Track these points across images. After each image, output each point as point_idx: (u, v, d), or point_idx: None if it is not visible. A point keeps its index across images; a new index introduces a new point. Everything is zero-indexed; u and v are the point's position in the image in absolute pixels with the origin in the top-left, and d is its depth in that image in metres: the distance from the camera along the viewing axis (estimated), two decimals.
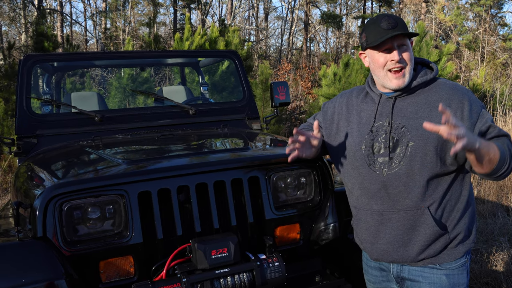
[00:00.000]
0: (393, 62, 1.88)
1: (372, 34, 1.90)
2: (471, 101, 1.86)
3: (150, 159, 2.41)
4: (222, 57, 4.70)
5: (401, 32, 1.84)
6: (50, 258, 1.93)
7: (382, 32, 1.86)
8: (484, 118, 1.84)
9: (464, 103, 1.85)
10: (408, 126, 1.89)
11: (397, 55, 1.87)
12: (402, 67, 1.89)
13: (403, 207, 1.91)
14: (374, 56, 1.94)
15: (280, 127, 9.66)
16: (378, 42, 1.86)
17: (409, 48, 1.91)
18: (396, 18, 1.89)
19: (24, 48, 12.79)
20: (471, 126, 1.82)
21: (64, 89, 6.24)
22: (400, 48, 1.89)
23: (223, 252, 2.10)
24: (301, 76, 14.42)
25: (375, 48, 1.91)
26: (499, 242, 4.64)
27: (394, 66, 1.89)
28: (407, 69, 1.90)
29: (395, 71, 1.89)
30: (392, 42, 1.88)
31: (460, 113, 1.83)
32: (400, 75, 1.89)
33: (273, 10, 42.53)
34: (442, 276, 1.94)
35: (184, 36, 9.62)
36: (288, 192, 2.52)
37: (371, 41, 1.90)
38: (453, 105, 1.85)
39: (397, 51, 1.88)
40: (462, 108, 1.84)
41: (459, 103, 1.85)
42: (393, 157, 1.91)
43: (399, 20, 1.89)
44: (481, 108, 1.87)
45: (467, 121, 1.82)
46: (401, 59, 1.88)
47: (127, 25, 23.61)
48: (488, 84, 12.74)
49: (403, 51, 1.89)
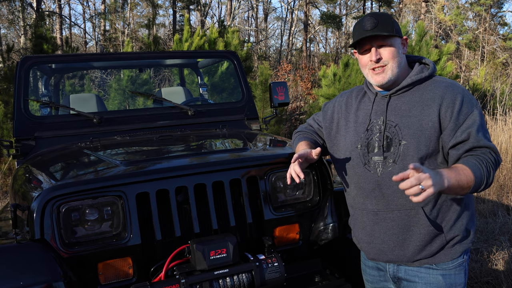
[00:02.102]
0: (372, 62, 1.92)
1: (354, 34, 1.94)
2: (464, 101, 1.85)
3: (148, 160, 2.40)
4: (221, 58, 4.70)
5: (376, 33, 1.85)
6: (48, 260, 1.93)
7: (361, 33, 1.90)
8: (471, 120, 1.82)
9: (456, 102, 1.84)
10: (401, 125, 1.89)
11: (375, 55, 1.90)
12: (382, 66, 1.91)
13: (398, 207, 1.90)
14: (358, 56, 2.00)
15: (280, 127, 9.66)
16: (353, 42, 1.93)
17: (393, 47, 1.90)
18: (379, 17, 1.89)
19: (23, 51, 12.79)
20: (454, 128, 1.82)
21: (63, 91, 6.24)
22: (380, 47, 1.91)
23: (222, 252, 2.09)
24: (301, 76, 14.41)
25: (358, 48, 1.97)
26: (499, 241, 4.63)
27: (374, 66, 1.92)
28: (389, 66, 1.91)
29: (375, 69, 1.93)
30: (371, 43, 1.91)
31: (450, 113, 1.83)
32: (380, 72, 1.92)
33: (272, 10, 42.59)
34: (438, 276, 1.92)
35: (184, 37, 9.62)
36: (287, 193, 2.52)
37: (352, 41, 1.95)
38: (445, 103, 1.85)
39: (376, 51, 1.90)
40: (452, 107, 1.84)
41: (451, 102, 1.84)
42: (387, 156, 1.91)
43: (383, 19, 1.89)
44: (473, 109, 1.85)
45: (453, 122, 1.82)
46: (380, 59, 1.90)
47: (126, 27, 23.61)
48: (488, 83, 12.72)
49: (383, 51, 1.91)
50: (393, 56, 1.90)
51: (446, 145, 1.84)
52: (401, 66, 1.94)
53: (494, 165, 1.80)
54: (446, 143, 1.83)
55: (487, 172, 1.77)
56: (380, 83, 1.93)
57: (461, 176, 1.71)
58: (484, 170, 1.76)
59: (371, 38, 1.88)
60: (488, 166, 1.78)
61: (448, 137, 1.83)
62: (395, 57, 1.91)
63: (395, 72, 1.92)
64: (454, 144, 1.82)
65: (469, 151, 1.81)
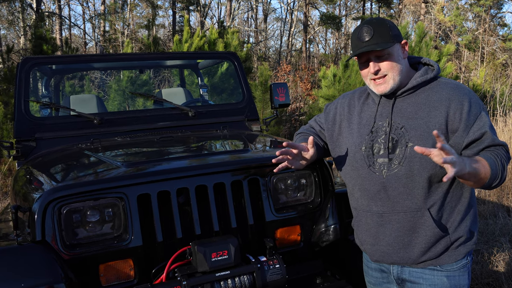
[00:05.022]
0: (371, 73, 1.91)
1: (352, 45, 1.93)
2: (471, 103, 1.84)
3: (149, 162, 2.39)
4: (221, 59, 4.70)
5: (370, 49, 1.83)
6: (49, 262, 1.92)
7: (358, 45, 1.88)
8: (482, 121, 1.82)
9: (464, 104, 1.83)
10: (407, 127, 1.88)
11: (373, 67, 1.89)
12: (382, 77, 1.90)
13: (403, 208, 1.90)
14: (359, 66, 1.99)
15: (280, 128, 9.66)
16: (353, 56, 1.92)
17: (391, 55, 1.88)
18: (375, 27, 1.86)
19: (22, 52, 12.79)
20: (466, 129, 1.81)
21: (63, 92, 6.24)
22: (378, 58, 1.89)
23: (224, 254, 2.08)
24: (301, 77, 14.41)
25: (357, 59, 1.95)
26: (500, 242, 4.63)
27: (374, 77, 1.92)
28: (389, 75, 1.89)
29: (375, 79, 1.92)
30: (368, 55, 1.90)
31: (459, 114, 1.82)
32: (382, 82, 1.91)
33: (272, 11, 42.57)
34: (443, 278, 1.92)
35: (183, 38, 9.62)
36: (288, 194, 2.51)
37: (352, 52, 1.94)
38: (453, 105, 1.84)
39: (374, 64, 1.89)
40: (461, 109, 1.83)
41: (459, 104, 1.83)
42: (392, 158, 1.90)
43: (379, 27, 1.86)
44: (480, 110, 1.85)
45: (463, 123, 1.81)
46: (378, 70, 1.89)
47: (126, 28, 23.61)
48: (488, 84, 12.73)
49: (382, 61, 1.89)
50: (391, 67, 1.88)
51: (459, 146, 1.83)
52: (402, 72, 1.91)
53: (507, 162, 1.81)
54: (460, 144, 1.83)
55: (502, 167, 1.77)
56: (382, 92, 1.92)
57: (480, 169, 1.71)
58: (499, 164, 1.77)
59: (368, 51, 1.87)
60: (503, 161, 1.78)
61: (460, 138, 1.82)
62: (394, 67, 1.89)
63: (397, 80, 1.90)
64: (468, 143, 1.81)
65: (484, 150, 1.81)
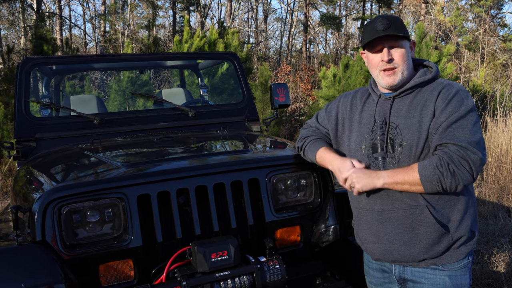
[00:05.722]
0: (383, 62, 1.93)
1: (366, 34, 1.95)
2: (454, 98, 1.85)
3: (149, 162, 2.40)
4: (222, 59, 4.71)
5: (389, 33, 1.86)
6: (49, 262, 1.92)
7: (374, 33, 1.90)
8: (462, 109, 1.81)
9: (450, 95, 1.86)
10: (401, 126, 1.92)
11: (387, 55, 1.91)
12: (393, 68, 1.92)
13: (402, 205, 1.92)
14: (369, 56, 2.00)
15: (280, 129, 9.66)
16: (366, 42, 1.93)
17: (404, 49, 1.93)
18: (392, 19, 1.90)
19: (23, 52, 12.78)
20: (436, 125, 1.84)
21: (63, 92, 6.24)
22: (391, 49, 1.92)
23: (223, 255, 2.09)
24: (301, 77, 14.41)
25: (369, 48, 1.97)
26: (500, 243, 4.63)
27: (385, 67, 1.93)
28: (399, 69, 1.92)
29: (386, 70, 1.93)
30: (383, 43, 1.92)
31: (441, 103, 1.85)
32: (391, 73, 1.93)
33: (272, 12, 42.53)
34: (445, 277, 1.93)
35: (183, 39, 9.62)
36: (288, 194, 2.51)
37: (363, 41, 1.96)
38: (440, 97, 1.87)
39: (388, 51, 1.91)
40: (445, 99, 1.86)
41: (445, 95, 1.86)
42: (390, 157, 1.93)
43: (395, 21, 1.90)
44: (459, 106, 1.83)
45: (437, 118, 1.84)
46: (391, 59, 1.91)
47: (126, 28, 23.62)
48: (488, 85, 12.72)
49: (395, 52, 1.92)
50: (403, 59, 1.92)
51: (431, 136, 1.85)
52: (410, 69, 1.96)
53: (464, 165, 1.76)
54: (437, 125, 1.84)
55: (442, 172, 1.76)
56: (390, 84, 1.94)
57: (398, 175, 1.83)
58: (437, 170, 1.77)
59: (384, 38, 1.89)
60: (451, 166, 1.76)
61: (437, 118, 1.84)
62: (405, 60, 1.93)
63: (405, 75, 1.94)
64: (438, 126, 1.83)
65: (441, 146, 1.81)
